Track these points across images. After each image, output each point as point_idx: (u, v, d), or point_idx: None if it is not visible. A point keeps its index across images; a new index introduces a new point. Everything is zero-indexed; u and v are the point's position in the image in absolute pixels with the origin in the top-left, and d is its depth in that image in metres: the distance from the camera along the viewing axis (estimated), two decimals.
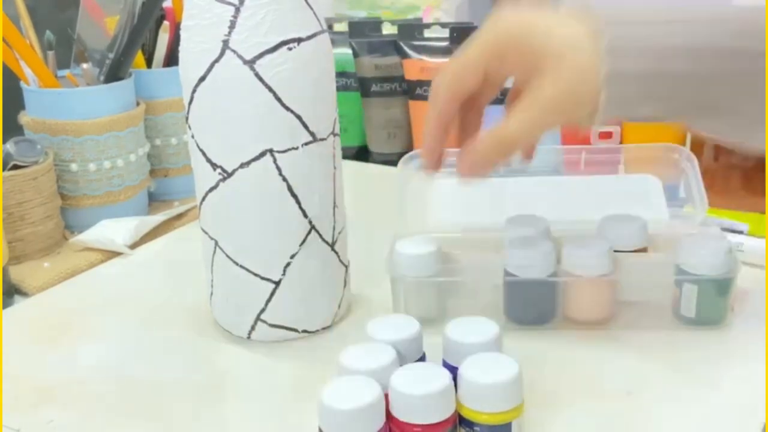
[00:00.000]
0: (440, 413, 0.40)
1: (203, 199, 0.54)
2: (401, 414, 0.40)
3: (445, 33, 0.92)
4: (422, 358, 0.47)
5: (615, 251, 0.55)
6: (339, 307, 0.58)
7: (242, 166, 0.51)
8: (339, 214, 0.56)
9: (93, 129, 0.75)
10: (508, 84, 0.53)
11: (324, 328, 0.57)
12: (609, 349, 0.54)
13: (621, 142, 0.76)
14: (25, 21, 0.76)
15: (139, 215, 0.79)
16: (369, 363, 0.43)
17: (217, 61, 0.50)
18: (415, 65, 0.92)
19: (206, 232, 0.55)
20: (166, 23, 0.84)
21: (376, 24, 0.98)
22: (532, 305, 0.56)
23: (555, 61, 0.46)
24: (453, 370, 0.42)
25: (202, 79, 0.51)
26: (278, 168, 0.52)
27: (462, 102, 0.51)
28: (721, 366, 0.52)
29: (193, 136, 0.53)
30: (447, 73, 0.50)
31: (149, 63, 0.85)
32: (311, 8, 0.51)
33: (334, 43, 0.66)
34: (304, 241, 0.54)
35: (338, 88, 0.71)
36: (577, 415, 0.47)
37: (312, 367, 0.53)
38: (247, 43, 0.49)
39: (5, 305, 0.64)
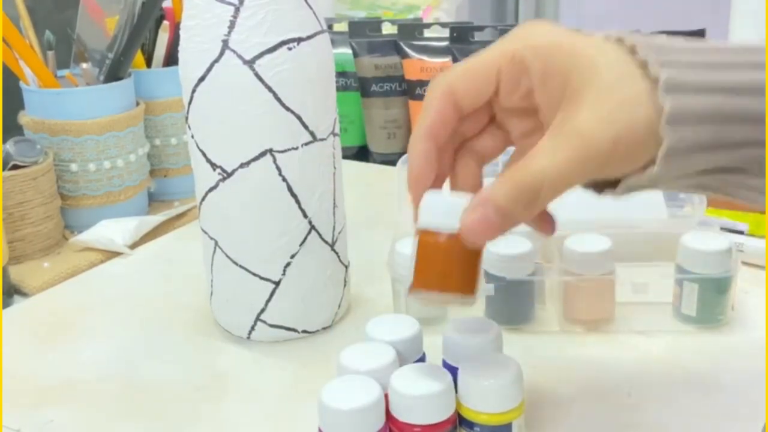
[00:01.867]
0: (440, 413, 0.40)
1: (203, 199, 0.54)
2: (401, 414, 0.40)
3: (445, 33, 0.92)
4: (422, 358, 0.47)
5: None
6: (339, 307, 0.58)
7: (242, 166, 0.51)
8: (339, 214, 0.56)
9: (93, 129, 0.75)
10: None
11: (324, 328, 0.57)
12: (609, 349, 0.54)
13: None
14: (25, 21, 0.76)
15: (139, 215, 0.79)
16: (369, 363, 0.43)
17: (216, 61, 0.50)
18: (415, 65, 0.92)
19: (206, 232, 0.55)
20: (165, 23, 0.84)
21: (376, 24, 0.98)
22: (510, 305, 0.56)
23: (597, 93, 0.35)
24: (453, 370, 0.42)
25: (202, 79, 0.51)
26: (278, 168, 0.52)
27: (461, 118, 0.39)
28: (722, 365, 0.52)
29: (192, 136, 0.53)
30: (450, 72, 0.39)
31: (149, 63, 0.85)
32: (311, 8, 0.51)
33: (334, 43, 0.66)
34: (304, 241, 0.54)
35: (338, 88, 0.71)
36: (577, 415, 0.47)
37: (312, 367, 0.53)
38: (247, 43, 0.49)
39: (5, 305, 0.64)
